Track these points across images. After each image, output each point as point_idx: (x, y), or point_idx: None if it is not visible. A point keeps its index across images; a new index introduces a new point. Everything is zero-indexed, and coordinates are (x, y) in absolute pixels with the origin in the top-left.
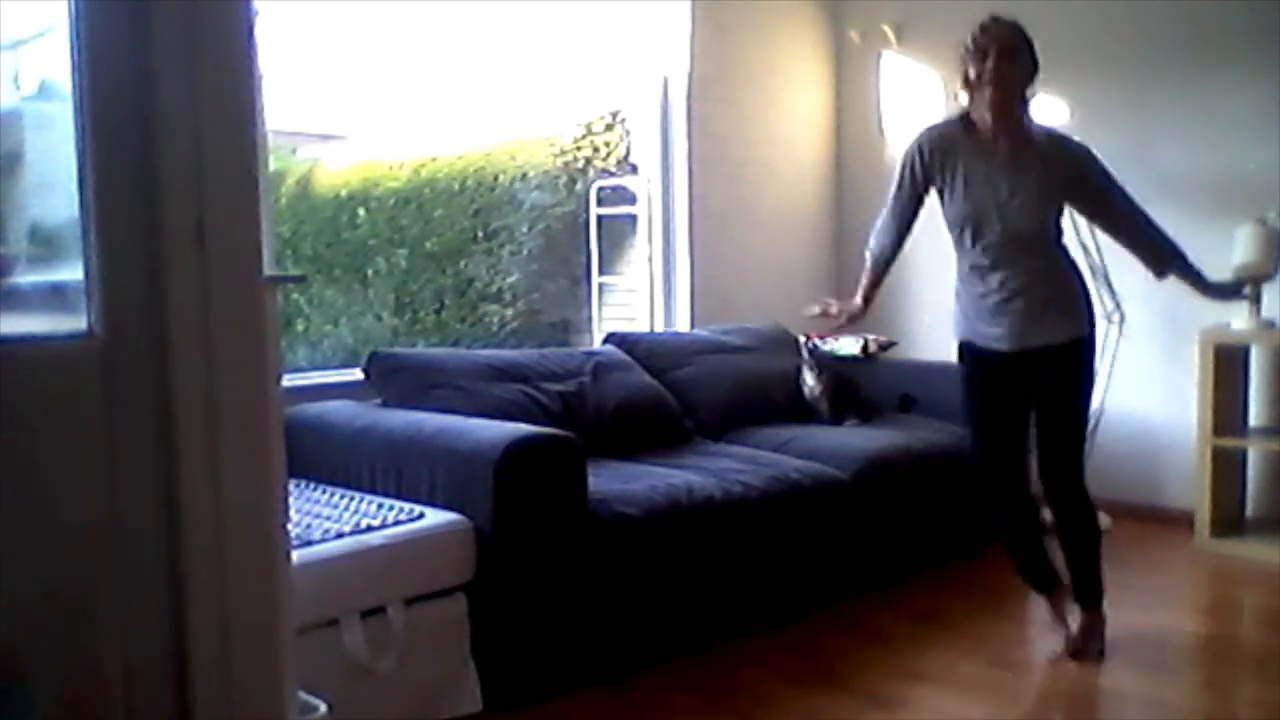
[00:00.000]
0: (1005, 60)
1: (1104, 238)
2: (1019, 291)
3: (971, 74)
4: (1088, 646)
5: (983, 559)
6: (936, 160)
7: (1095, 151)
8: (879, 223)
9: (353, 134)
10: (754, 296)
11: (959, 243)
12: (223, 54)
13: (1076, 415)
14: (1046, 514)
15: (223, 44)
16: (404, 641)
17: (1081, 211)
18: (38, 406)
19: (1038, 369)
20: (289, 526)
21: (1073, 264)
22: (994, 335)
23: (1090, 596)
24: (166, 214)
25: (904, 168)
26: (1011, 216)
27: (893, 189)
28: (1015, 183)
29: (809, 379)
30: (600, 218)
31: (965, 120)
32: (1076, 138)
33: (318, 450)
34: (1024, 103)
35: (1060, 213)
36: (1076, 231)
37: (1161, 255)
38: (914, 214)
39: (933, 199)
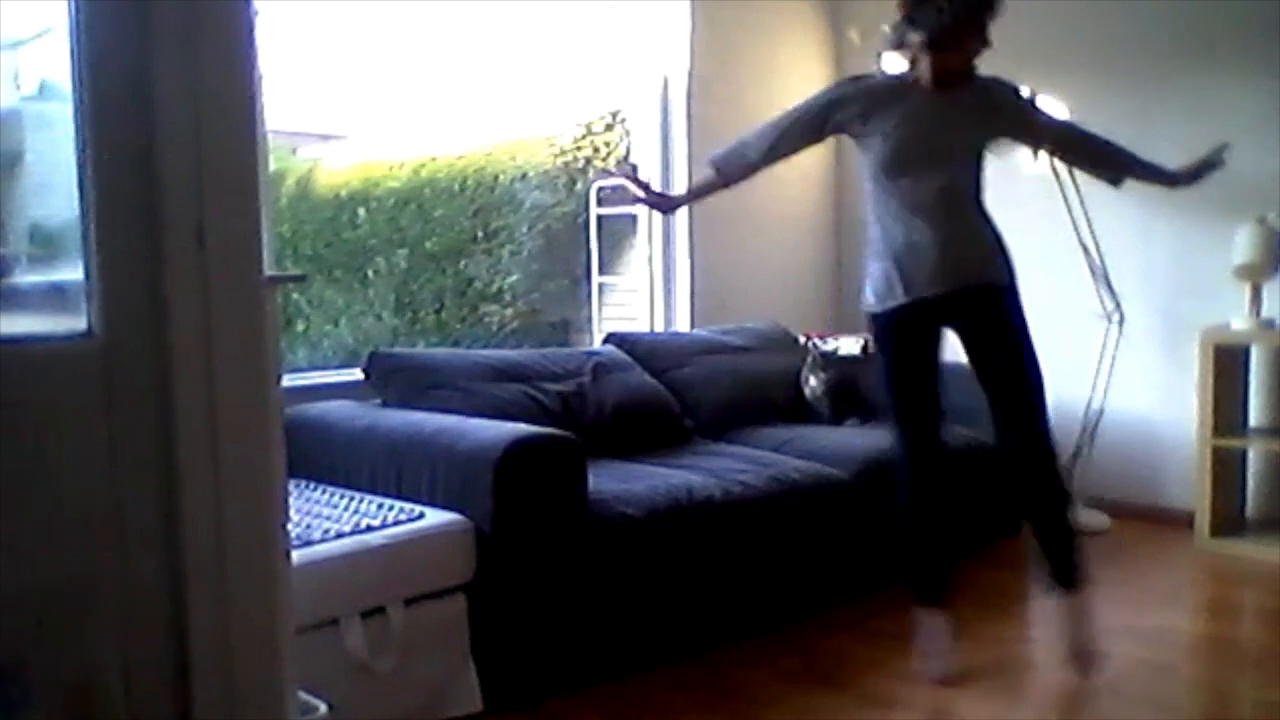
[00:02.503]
0: (967, 30)
1: (1104, 238)
2: (952, 235)
3: (920, 38)
4: (1084, 637)
5: (983, 559)
6: (862, 99)
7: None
8: (747, 136)
9: (353, 134)
10: (754, 296)
11: (888, 186)
12: (223, 54)
13: (1033, 366)
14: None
15: (223, 44)
16: (404, 641)
17: (1028, 142)
18: (38, 406)
19: (971, 317)
20: (289, 526)
21: (990, 217)
22: (925, 280)
23: (1071, 576)
24: (166, 214)
25: (820, 95)
26: (950, 158)
27: (790, 111)
28: (952, 124)
29: (813, 379)
30: (600, 218)
31: (899, 77)
32: None
33: (318, 450)
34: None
35: (984, 159)
36: (1076, 231)
37: (1115, 163)
38: (797, 143)
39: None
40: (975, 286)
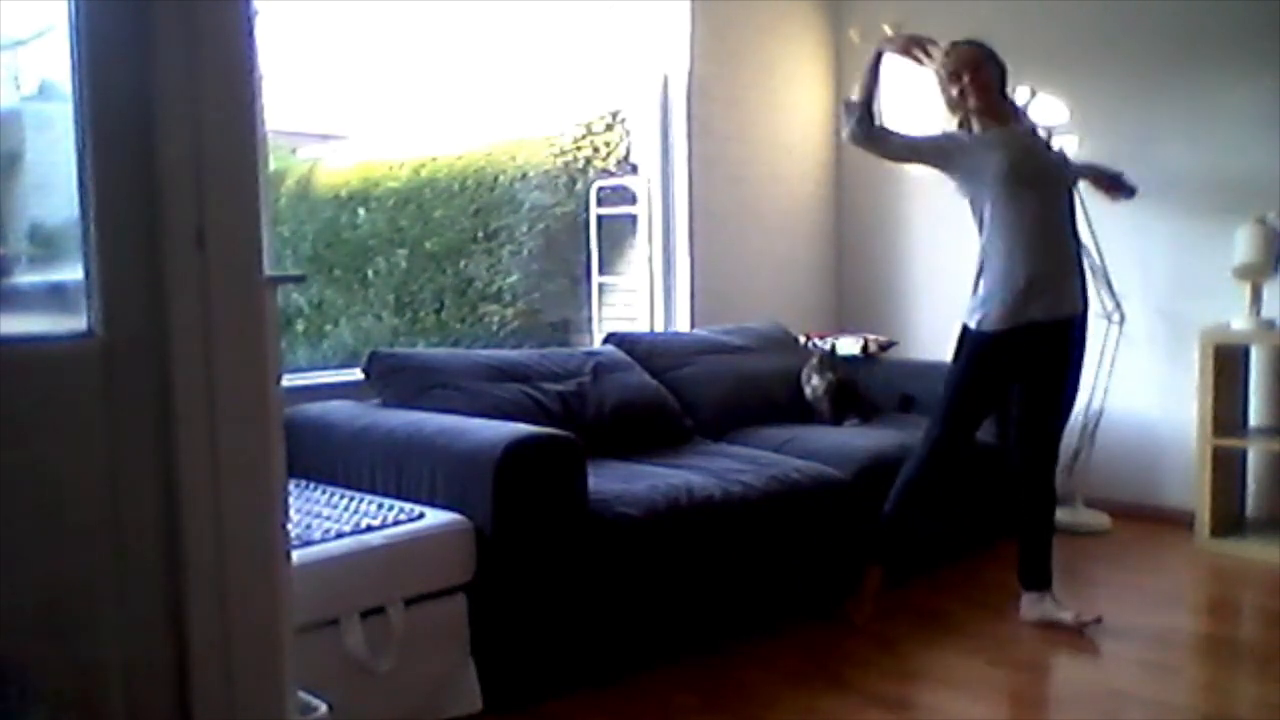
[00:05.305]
0: (976, 74)
1: (1104, 238)
2: (1065, 255)
3: (954, 94)
4: (1074, 614)
5: (983, 559)
6: (961, 145)
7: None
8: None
9: (353, 134)
10: (754, 296)
11: (1012, 197)
12: (223, 54)
13: (1072, 394)
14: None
15: (223, 44)
16: (404, 641)
17: None
18: (38, 406)
19: (1053, 343)
20: (289, 526)
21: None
22: (1046, 303)
23: (1045, 578)
24: (167, 214)
25: (940, 135)
26: (1050, 167)
27: (918, 136)
28: (1036, 145)
29: (814, 379)
30: (600, 218)
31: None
32: (1076, 138)
33: (318, 450)
34: (1006, 100)
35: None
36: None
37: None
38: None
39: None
40: (1069, 316)
